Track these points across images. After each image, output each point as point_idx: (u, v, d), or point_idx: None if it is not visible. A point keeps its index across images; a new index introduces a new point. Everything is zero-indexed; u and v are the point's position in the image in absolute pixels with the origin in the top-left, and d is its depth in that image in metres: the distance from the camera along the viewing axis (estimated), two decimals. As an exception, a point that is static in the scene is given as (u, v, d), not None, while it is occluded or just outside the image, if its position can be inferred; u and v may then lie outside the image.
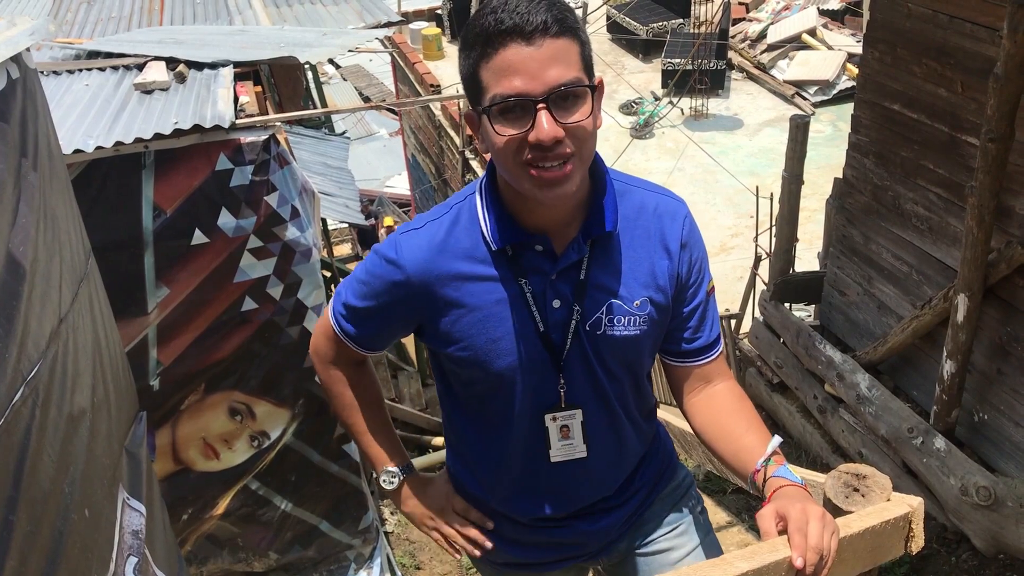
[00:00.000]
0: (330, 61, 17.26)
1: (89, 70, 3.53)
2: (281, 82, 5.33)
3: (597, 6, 14.56)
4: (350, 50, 4.52)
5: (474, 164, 9.88)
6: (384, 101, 17.03)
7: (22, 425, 1.10)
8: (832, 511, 1.29)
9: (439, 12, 15.82)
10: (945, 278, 3.68)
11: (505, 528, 1.61)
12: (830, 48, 13.80)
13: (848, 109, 4.61)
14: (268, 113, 4.26)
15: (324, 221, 6.47)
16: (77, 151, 2.75)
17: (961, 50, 3.40)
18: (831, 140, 11.23)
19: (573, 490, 1.53)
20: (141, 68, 3.53)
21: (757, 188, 6.82)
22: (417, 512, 1.65)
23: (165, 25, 5.16)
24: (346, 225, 12.01)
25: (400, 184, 16.09)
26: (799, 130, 4.62)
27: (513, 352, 1.38)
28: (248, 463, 3.51)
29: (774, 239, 5.10)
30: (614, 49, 15.46)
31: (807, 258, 6.56)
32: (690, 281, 1.44)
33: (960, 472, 3.39)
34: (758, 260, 6.13)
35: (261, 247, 3.08)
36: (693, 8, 14.26)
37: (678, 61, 12.96)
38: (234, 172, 2.94)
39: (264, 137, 2.94)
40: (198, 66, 3.52)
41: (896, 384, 4.15)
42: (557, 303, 1.37)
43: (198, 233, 2.99)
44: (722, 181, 10.92)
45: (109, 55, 3.75)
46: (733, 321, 6.53)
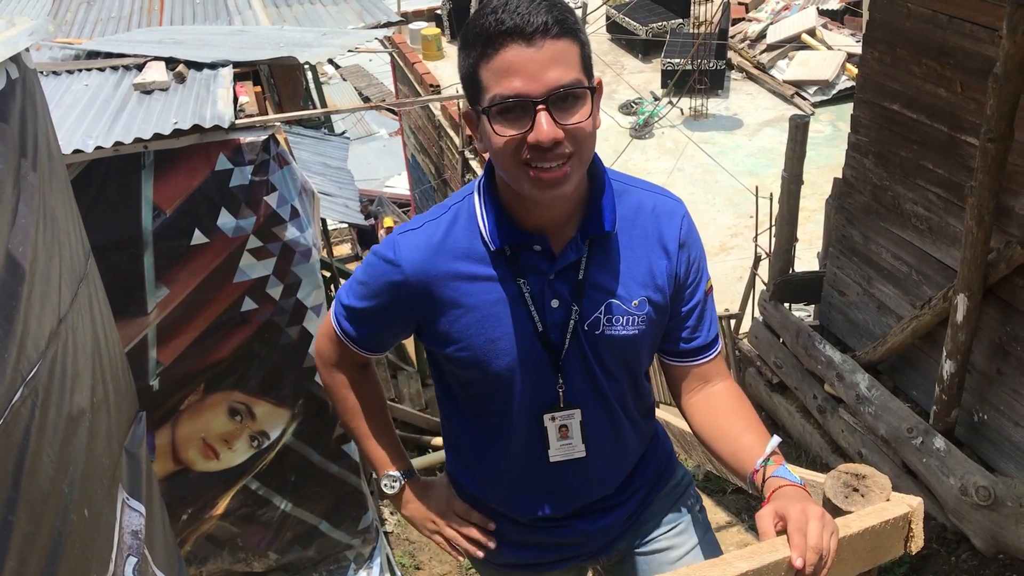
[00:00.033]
0: (330, 61, 17.25)
1: (88, 70, 3.53)
2: (281, 82, 5.32)
3: (597, 6, 14.56)
4: (350, 50, 4.52)
5: (474, 164, 9.87)
6: (384, 101, 17.03)
7: (21, 425, 1.09)
8: (831, 511, 1.29)
9: (438, 12, 15.83)
10: (945, 278, 3.68)
11: (505, 529, 1.61)
12: (829, 48, 13.81)
13: (847, 109, 4.61)
14: (268, 113, 4.25)
15: (324, 221, 6.46)
16: (76, 151, 2.75)
17: (960, 50, 3.40)
18: (830, 140, 11.24)
19: (572, 490, 1.53)
20: (140, 68, 3.52)
21: (757, 188, 6.82)
22: (418, 516, 1.65)
23: (164, 25, 5.15)
24: (346, 225, 12.01)
25: (400, 184, 16.10)
26: (798, 130, 4.62)
27: (512, 352, 1.38)
28: (248, 463, 3.51)
29: (774, 239, 5.10)
30: (613, 49, 15.46)
31: (807, 258, 6.57)
32: (688, 281, 1.44)
33: (960, 472, 3.39)
34: (758, 260, 6.13)
35: (261, 247, 3.08)
36: (692, 8, 14.26)
37: (678, 61, 12.97)
38: (234, 172, 2.94)
39: (264, 137, 2.94)
40: (198, 66, 3.52)
41: (896, 384, 4.15)
42: (555, 303, 1.37)
43: (198, 233, 2.99)
44: (722, 181, 10.93)
45: (109, 55, 3.75)
46: (733, 321, 6.54)
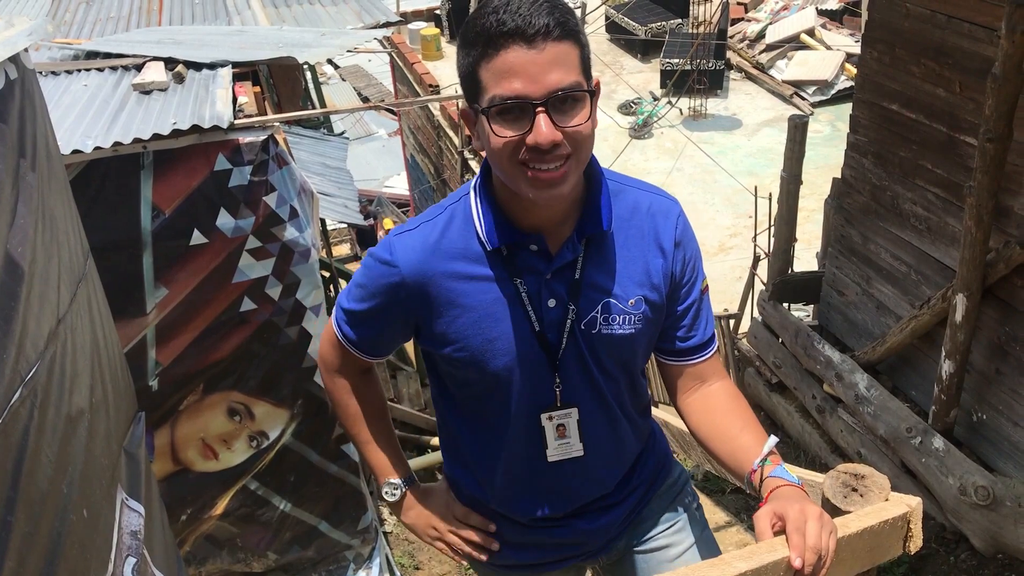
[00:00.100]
0: (329, 61, 17.25)
1: (87, 70, 3.53)
2: (280, 82, 5.32)
3: (596, 6, 14.56)
4: (349, 50, 4.52)
5: (473, 164, 9.87)
6: (383, 101, 17.03)
7: (20, 426, 1.09)
8: (830, 511, 1.29)
9: (438, 12, 15.85)
10: (944, 278, 3.68)
11: (505, 529, 1.61)
12: (828, 48, 13.83)
13: (846, 109, 4.61)
14: (267, 113, 4.25)
15: (323, 221, 6.46)
16: (75, 151, 2.75)
17: (959, 50, 3.40)
18: (829, 140, 11.25)
19: (571, 489, 1.53)
20: (140, 68, 3.52)
21: (756, 188, 6.83)
22: (419, 522, 1.65)
23: (164, 25, 5.15)
24: (345, 225, 12.00)
25: (399, 184, 16.09)
26: (797, 130, 4.62)
27: (509, 352, 1.38)
28: (247, 463, 3.51)
29: (773, 239, 5.10)
30: (613, 49, 15.47)
31: (806, 258, 6.57)
32: (684, 280, 1.44)
33: (959, 472, 3.39)
34: (757, 260, 6.14)
35: (260, 247, 3.08)
36: (692, 8, 14.28)
37: (677, 61, 12.98)
38: (233, 172, 2.94)
39: (263, 137, 2.94)
40: (197, 66, 3.52)
41: (895, 384, 4.15)
42: (552, 302, 1.37)
43: (197, 233, 2.99)
44: (721, 181, 10.93)
45: (108, 55, 3.75)
46: (732, 321, 6.54)
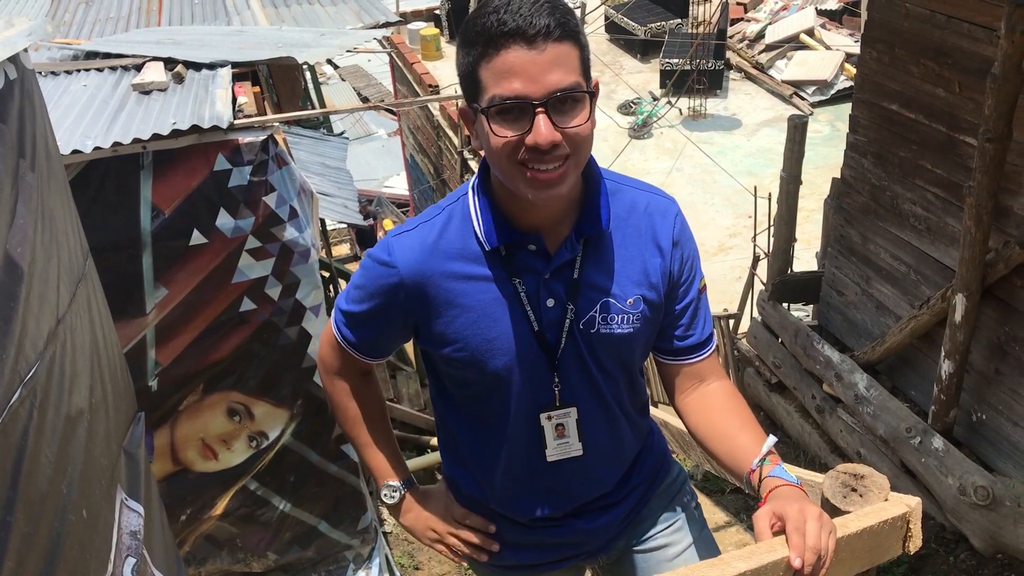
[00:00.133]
0: (328, 61, 17.25)
1: (87, 71, 3.53)
2: (279, 82, 5.33)
3: (595, 6, 14.57)
4: (348, 50, 4.52)
5: (472, 164, 9.87)
6: (382, 101, 17.02)
7: (20, 426, 1.09)
8: (830, 511, 1.29)
9: (437, 12, 15.85)
10: (943, 278, 3.68)
11: (505, 530, 1.61)
12: (828, 48, 13.83)
13: (846, 109, 4.62)
14: (266, 113, 4.26)
15: (323, 221, 6.47)
16: (75, 152, 2.75)
17: (959, 50, 3.40)
18: (829, 140, 11.25)
19: (571, 489, 1.54)
20: (139, 69, 3.52)
21: (755, 188, 6.83)
22: (418, 525, 1.65)
23: (163, 25, 5.15)
24: (345, 225, 12.00)
25: (399, 184, 16.08)
26: (797, 130, 4.62)
27: (508, 352, 1.38)
28: (247, 463, 3.51)
29: (772, 239, 5.10)
30: (612, 49, 15.48)
31: (805, 258, 6.57)
32: (682, 279, 1.45)
33: (958, 472, 3.39)
34: (756, 260, 6.14)
35: (259, 248, 3.08)
36: (691, 8, 14.27)
37: (676, 61, 12.99)
38: (232, 173, 2.94)
39: (262, 138, 2.94)
40: (196, 66, 3.52)
41: (894, 384, 4.15)
42: (551, 302, 1.37)
43: (196, 234, 2.99)
44: (720, 181, 10.94)
45: (107, 56, 3.75)
46: (732, 321, 6.54)
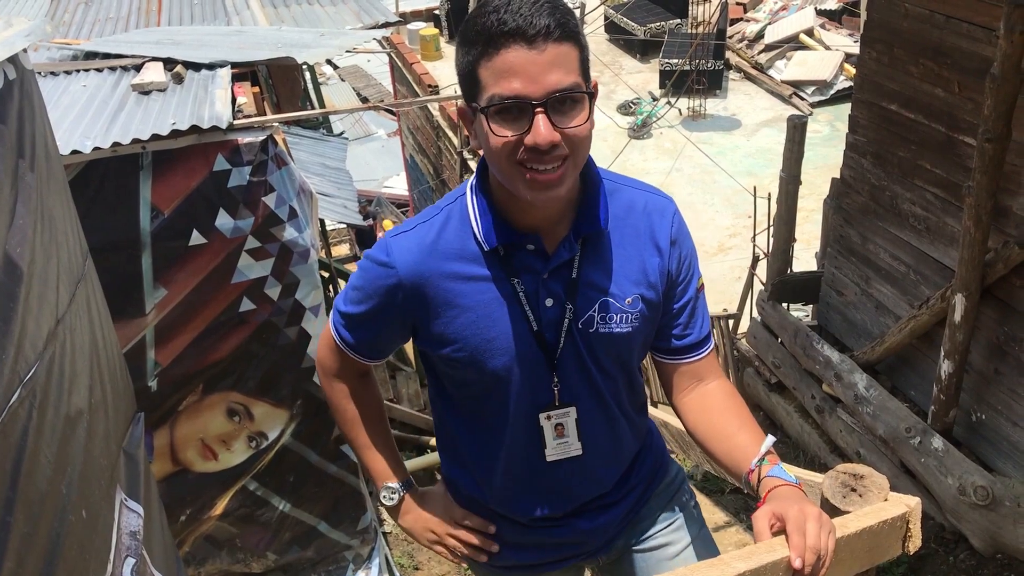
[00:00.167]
0: (328, 62, 17.26)
1: (86, 71, 3.53)
2: (279, 83, 5.33)
3: (595, 6, 14.57)
4: (348, 51, 4.52)
5: (472, 164, 9.87)
6: (382, 102, 17.02)
7: (19, 426, 1.09)
8: (829, 511, 1.29)
9: (437, 13, 15.86)
10: (942, 278, 3.69)
11: (504, 530, 1.61)
12: (827, 48, 13.84)
13: (845, 109, 4.62)
14: (266, 114, 4.25)
15: (322, 222, 6.47)
16: (74, 152, 2.75)
17: (958, 50, 3.40)
18: (828, 140, 11.26)
19: (570, 488, 1.54)
20: (139, 69, 3.52)
21: (755, 188, 6.83)
22: (417, 526, 1.65)
23: (163, 26, 5.15)
24: (344, 226, 12.00)
25: (398, 184, 16.08)
26: (796, 130, 4.62)
27: (508, 352, 1.38)
28: (246, 464, 3.51)
29: (772, 239, 5.11)
30: (612, 49, 15.48)
31: (805, 258, 6.57)
32: (680, 278, 1.45)
33: (958, 472, 3.40)
34: (756, 260, 6.14)
35: (259, 248, 3.08)
36: (691, 8, 14.27)
37: (676, 61, 12.99)
38: (232, 173, 2.94)
39: (262, 138, 2.94)
40: (196, 67, 3.52)
41: (894, 384, 4.15)
42: (550, 302, 1.37)
43: (196, 234, 2.99)
44: (720, 181, 10.94)
45: (107, 56, 3.74)
46: (731, 321, 6.54)
